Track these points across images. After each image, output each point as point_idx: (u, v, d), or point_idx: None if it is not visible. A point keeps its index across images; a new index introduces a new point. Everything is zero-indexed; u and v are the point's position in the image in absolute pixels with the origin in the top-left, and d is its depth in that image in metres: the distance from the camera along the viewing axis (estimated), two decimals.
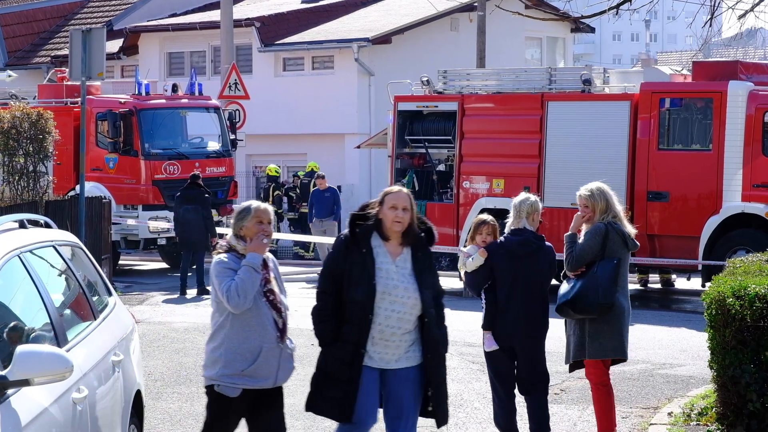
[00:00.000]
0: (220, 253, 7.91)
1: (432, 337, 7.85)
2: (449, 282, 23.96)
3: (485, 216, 10.30)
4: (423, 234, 8.00)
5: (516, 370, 9.96)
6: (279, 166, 31.81)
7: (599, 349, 9.92)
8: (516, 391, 10.07)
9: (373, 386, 7.82)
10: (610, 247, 9.83)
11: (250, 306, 7.68)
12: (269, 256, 7.99)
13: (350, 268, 7.83)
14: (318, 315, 7.96)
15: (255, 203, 7.98)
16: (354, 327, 7.77)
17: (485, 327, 9.94)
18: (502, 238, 9.95)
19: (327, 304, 7.91)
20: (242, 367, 7.72)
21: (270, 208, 7.98)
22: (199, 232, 22.10)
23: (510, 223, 10.02)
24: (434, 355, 7.87)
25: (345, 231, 8.04)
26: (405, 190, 7.99)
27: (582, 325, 9.93)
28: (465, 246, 10.34)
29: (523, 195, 10.05)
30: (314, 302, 8.03)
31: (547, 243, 9.96)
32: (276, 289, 7.88)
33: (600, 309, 9.76)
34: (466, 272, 10.11)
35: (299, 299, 20.80)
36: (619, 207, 10.08)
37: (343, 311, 7.83)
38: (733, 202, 19.81)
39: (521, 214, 9.89)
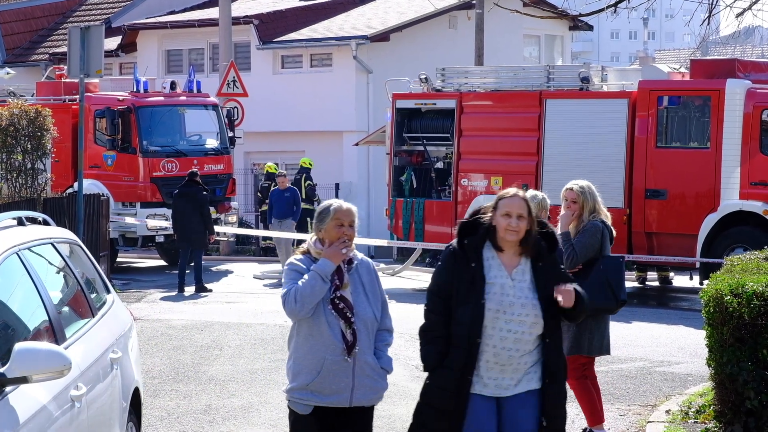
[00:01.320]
0: (297, 253, 7.22)
1: (553, 360, 6.87)
2: None
3: None
4: (543, 241, 6.97)
5: None
6: (277, 164, 31.79)
7: (599, 346, 10.07)
8: None
9: (489, 420, 6.85)
10: (604, 244, 10.02)
11: (308, 315, 6.99)
12: (362, 259, 7.24)
13: (458, 284, 6.87)
14: (424, 336, 7.02)
15: (336, 203, 7.14)
16: (460, 352, 6.80)
17: None
18: None
19: (434, 325, 6.94)
20: (307, 380, 7.02)
21: (354, 208, 7.16)
22: (197, 230, 22.11)
23: None
24: (553, 381, 6.86)
25: (453, 241, 7.04)
26: (521, 193, 6.93)
27: (581, 323, 9.97)
28: None
29: (530, 192, 10.10)
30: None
31: None
32: (349, 296, 7.05)
33: (618, 306, 9.95)
34: None
35: None
36: (603, 206, 10.28)
37: (451, 333, 6.87)
38: (731, 200, 19.82)
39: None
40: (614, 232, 10.26)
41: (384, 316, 7.23)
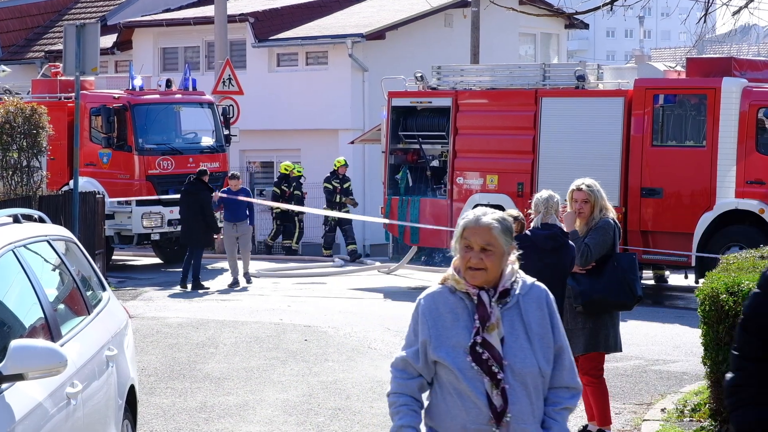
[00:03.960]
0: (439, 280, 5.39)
1: None
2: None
3: (515, 212, 10.32)
4: None
5: None
6: (289, 163, 31.68)
7: (614, 343, 10.16)
8: None
9: None
10: (615, 241, 10.03)
11: None
12: (533, 287, 5.29)
13: None
14: (734, 394, 4.95)
15: (472, 213, 5.25)
16: None
17: None
18: (527, 231, 9.94)
19: (749, 379, 4.89)
20: None
21: (493, 224, 5.18)
22: (197, 229, 22.11)
23: (538, 218, 9.97)
24: None
25: None
26: None
27: (597, 320, 10.00)
28: None
29: (547, 192, 10.05)
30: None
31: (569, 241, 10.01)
32: (497, 342, 5.14)
33: (635, 302, 10.01)
34: None
35: (292, 295, 20.80)
36: (609, 203, 10.28)
37: None
38: (726, 199, 19.84)
39: (549, 210, 9.88)
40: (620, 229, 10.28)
41: (559, 367, 5.27)
